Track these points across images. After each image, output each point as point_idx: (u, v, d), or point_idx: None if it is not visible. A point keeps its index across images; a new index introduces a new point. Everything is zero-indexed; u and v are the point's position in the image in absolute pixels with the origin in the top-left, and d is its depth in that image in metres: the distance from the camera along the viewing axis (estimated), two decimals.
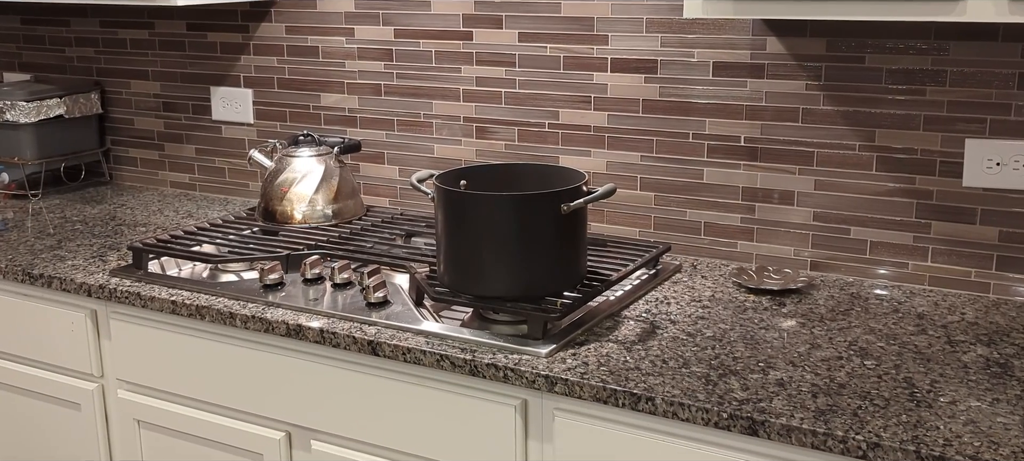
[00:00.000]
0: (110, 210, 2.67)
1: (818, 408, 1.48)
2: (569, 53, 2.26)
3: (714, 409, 1.49)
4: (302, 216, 2.35)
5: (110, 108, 2.95)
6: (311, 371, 1.87)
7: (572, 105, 2.28)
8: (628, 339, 1.75)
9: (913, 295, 1.98)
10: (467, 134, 2.42)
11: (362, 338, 1.77)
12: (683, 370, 1.62)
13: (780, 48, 2.06)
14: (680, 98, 2.17)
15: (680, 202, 2.22)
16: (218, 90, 2.75)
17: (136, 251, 2.16)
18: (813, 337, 1.76)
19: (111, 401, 2.17)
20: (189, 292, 2.01)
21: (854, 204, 2.05)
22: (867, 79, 1.99)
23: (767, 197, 2.13)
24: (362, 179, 2.58)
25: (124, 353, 2.11)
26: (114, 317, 2.10)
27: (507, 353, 1.68)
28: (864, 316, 1.86)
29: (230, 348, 1.96)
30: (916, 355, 1.68)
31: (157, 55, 2.83)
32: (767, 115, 2.10)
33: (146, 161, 2.93)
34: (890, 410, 1.48)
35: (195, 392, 2.03)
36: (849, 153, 2.04)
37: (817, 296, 1.97)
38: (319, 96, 2.61)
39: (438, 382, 1.74)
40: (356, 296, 1.94)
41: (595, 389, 1.57)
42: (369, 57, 2.51)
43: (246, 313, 1.90)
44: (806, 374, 1.60)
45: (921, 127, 1.97)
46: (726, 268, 2.14)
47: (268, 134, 2.69)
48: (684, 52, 2.15)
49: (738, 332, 1.78)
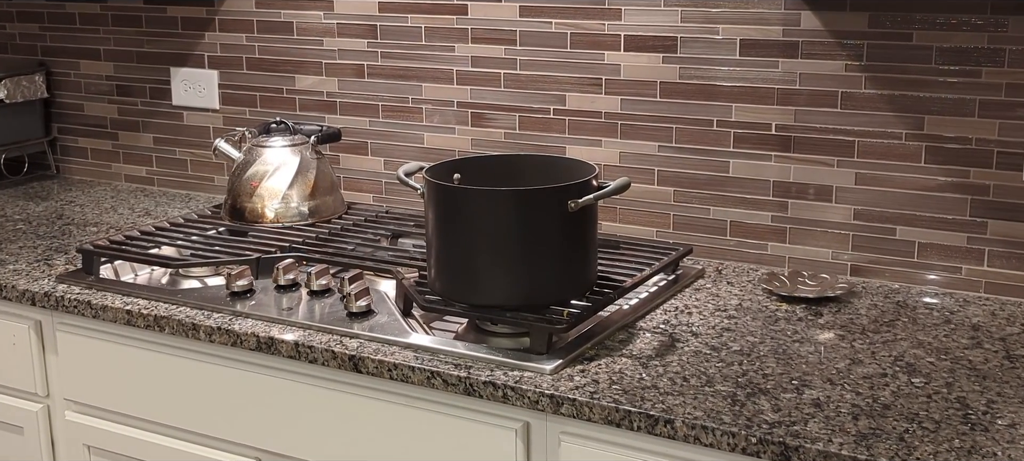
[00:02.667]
0: (57, 207, 2.67)
1: (859, 432, 1.48)
2: (577, 29, 2.26)
3: (742, 433, 1.49)
4: (274, 214, 2.34)
5: (57, 92, 2.95)
6: (284, 390, 1.87)
7: (581, 88, 2.28)
8: (644, 354, 1.74)
9: (967, 303, 1.98)
10: (461, 121, 2.42)
11: (342, 353, 1.77)
12: (706, 389, 1.61)
13: (816, 23, 2.05)
14: (703, 80, 2.17)
15: (703, 198, 2.21)
16: (179, 71, 2.75)
17: (86, 254, 2.15)
18: (854, 351, 1.75)
19: (58, 424, 2.17)
20: (146, 301, 2.00)
21: (900, 201, 2.05)
22: (915, 59, 1.99)
23: (802, 192, 2.13)
24: (342, 172, 2.58)
25: (72, 370, 2.11)
26: (61, 329, 2.10)
27: (507, 369, 1.68)
28: (911, 327, 1.86)
29: (192, 364, 1.95)
30: (970, 372, 1.68)
31: (110, 32, 2.83)
32: (801, 100, 2.09)
33: (98, 152, 2.93)
34: (941, 434, 1.47)
35: (152, 414, 2.03)
36: (894, 143, 2.03)
37: (858, 305, 1.97)
38: (293, 78, 2.60)
39: (428, 403, 1.74)
40: (336, 305, 1.94)
41: (606, 410, 1.57)
42: (350, 34, 2.51)
43: (211, 324, 1.90)
44: (846, 393, 1.60)
45: (976, 113, 1.96)
46: (755, 273, 2.14)
47: (236, 122, 2.69)
48: (707, 28, 2.14)
49: (769, 346, 1.78)
